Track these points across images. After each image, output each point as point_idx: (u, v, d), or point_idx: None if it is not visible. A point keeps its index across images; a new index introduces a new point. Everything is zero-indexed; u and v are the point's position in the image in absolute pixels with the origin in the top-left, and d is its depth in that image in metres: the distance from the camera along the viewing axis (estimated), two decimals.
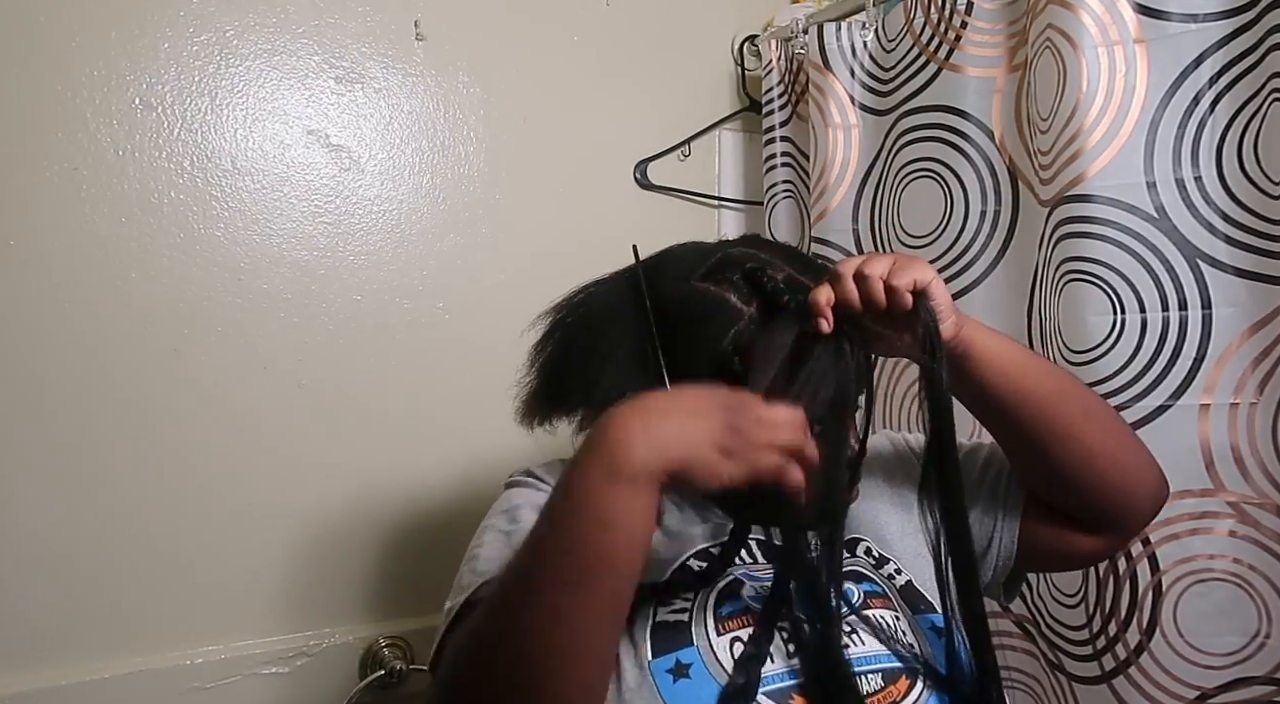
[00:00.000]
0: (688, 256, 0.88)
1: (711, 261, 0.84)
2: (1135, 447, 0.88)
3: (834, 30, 1.45)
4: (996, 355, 0.81)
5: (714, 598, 0.78)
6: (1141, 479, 0.87)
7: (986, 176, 1.29)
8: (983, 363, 0.81)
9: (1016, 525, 0.91)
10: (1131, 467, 0.86)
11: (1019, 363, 0.83)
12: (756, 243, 0.91)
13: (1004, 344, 0.83)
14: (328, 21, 1.34)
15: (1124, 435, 0.88)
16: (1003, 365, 0.82)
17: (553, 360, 0.88)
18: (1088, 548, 0.91)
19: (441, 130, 1.42)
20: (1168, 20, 1.09)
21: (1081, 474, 0.84)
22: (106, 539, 1.19)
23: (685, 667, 0.73)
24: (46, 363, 1.17)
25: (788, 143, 1.58)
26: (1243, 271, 1.06)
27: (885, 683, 0.73)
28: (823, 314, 0.75)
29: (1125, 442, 0.87)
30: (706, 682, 0.71)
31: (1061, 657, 1.20)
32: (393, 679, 1.28)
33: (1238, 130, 1.06)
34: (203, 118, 1.26)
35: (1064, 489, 0.87)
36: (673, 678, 0.72)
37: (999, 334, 0.84)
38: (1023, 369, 0.83)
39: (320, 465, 1.31)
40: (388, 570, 1.35)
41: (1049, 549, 0.91)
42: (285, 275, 1.30)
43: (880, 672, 0.74)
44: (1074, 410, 0.84)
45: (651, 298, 0.84)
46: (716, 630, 0.75)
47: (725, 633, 0.75)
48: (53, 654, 1.16)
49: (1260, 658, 1.05)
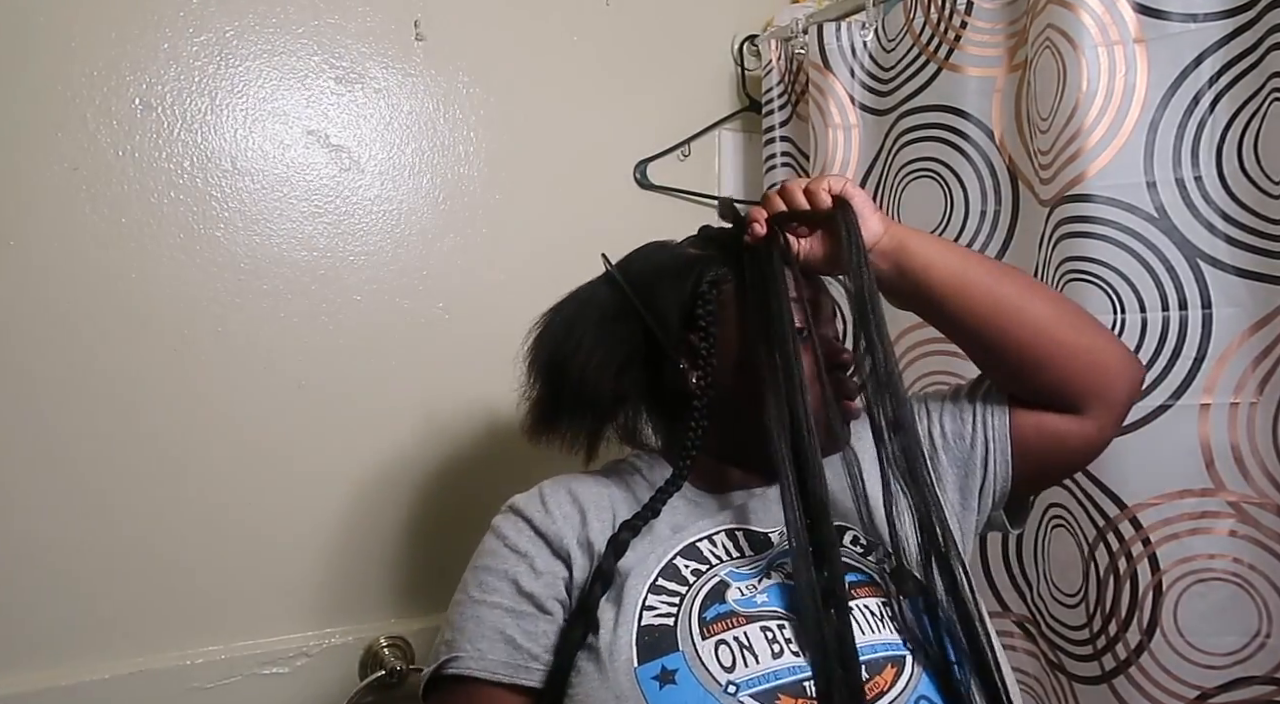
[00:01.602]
0: (652, 246, 0.98)
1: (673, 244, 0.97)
2: (1088, 317, 0.92)
3: (834, 30, 1.46)
4: (932, 248, 0.89)
5: (699, 601, 0.79)
6: (1102, 345, 0.90)
7: (986, 176, 1.29)
8: (919, 255, 0.88)
9: (1006, 429, 0.91)
10: (1088, 332, 0.90)
11: (956, 252, 0.91)
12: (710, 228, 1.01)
13: (938, 240, 0.92)
14: (328, 21, 1.34)
15: (1073, 308, 0.92)
16: (939, 254, 0.89)
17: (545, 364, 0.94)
18: (1078, 432, 0.90)
19: (441, 130, 1.42)
20: (1168, 20, 1.09)
21: (1039, 346, 0.87)
22: (106, 539, 1.19)
23: (671, 673, 0.74)
24: (46, 363, 1.17)
25: (788, 143, 1.58)
26: (1243, 271, 1.06)
27: (869, 674, 0.74)
28: (756, 220, 0.88)
29: (1076, 312, 0.92)
30: (693, 688, 0.72)
31: (1062, 656, 1.20)
32: (393, 679, 1.27)
33: (1238, 130, 1.06)
34: (203, 118, 1.26)
35: (1028, 368, 0.88)
36: (659, 684, 0.73)
37: (932, 235, 0.92)
38: (961, 256, 0.91)
39: (320, 465, 1.31)
40: (388, 570, 1.35)
41: (1041, 445, 0.91)
42: (285, 275, 1.30)
43: (864, 664, 0.74)
44: (1018, 287, 0.90)
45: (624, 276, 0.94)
46: (701, 635, 0.76)
47: (710, 637, 0.76)
48: (53, 654, 1.16)
49: (1260, 658, 1.05)
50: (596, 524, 0.87)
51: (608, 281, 0.95)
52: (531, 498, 0.90)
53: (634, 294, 0.91)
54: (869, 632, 0.77)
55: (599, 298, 0.95)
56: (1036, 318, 0.87)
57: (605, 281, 0.96)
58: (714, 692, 0.72)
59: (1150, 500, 1.09)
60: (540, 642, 0.81)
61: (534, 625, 0.82)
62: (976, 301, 0.87)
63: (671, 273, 0.92)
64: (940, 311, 0.89)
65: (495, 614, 0.83)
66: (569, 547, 0.85)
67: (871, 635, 0.76)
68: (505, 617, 0.82)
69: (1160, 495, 1.08)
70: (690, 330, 0.89)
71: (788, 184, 0.89)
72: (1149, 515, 1.09)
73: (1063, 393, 0.89)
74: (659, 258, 0.95)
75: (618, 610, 0.79)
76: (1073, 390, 0.88)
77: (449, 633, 0.85)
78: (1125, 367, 0.91)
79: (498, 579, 0.85)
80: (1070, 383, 0.88)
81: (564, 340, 0.93)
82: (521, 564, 0.85)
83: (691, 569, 0.82)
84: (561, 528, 0.86)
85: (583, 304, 0.95)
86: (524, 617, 0.82)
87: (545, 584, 0.83)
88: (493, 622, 0.82)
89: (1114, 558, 1.11)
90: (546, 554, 0.85)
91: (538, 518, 0.87)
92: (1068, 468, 1.05)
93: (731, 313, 0.89)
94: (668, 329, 0.89)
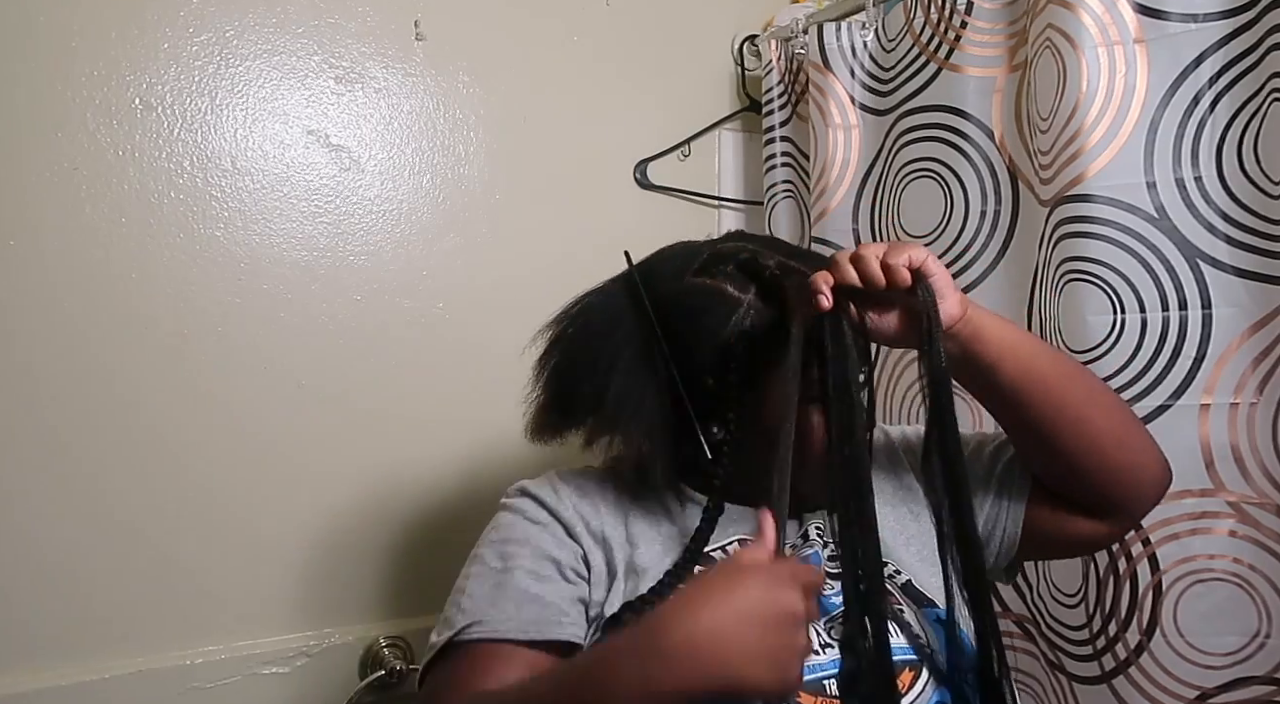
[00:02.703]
0: (679, 256, 0.89)
1: (704, 257, 0.87)
2: (1140, 431, 0.89)
3: (834, 30, 1.45)
4: (1005, 337, 0.82)
5: None
6: (1146, 464, 0.88)
7: (986, 176, 1.29)
8: (992, 344, 0.81)
9: (1021, 512, 0.91)
10: (1137, 451, 0.87)
11: (1028, 346, 0.84)
12: (743, 236, 0.92)
13: (1012, 327, 0.85)
14: (328, 21, 1.34)
15: (1129, 420, 0.89)
16: (1012, 347, 0.82)
17: (558, 373, 0.89)
18: (1090, 533, 0.91)
19: (441, 130, 1.42)
20: (1168, 20, 1.09)
21: (1088, 458, 0.85)
22: (106, 539, 1.19)
23: None
24: (46, 363, 1.17)
25: (788, 143, 1.58)
26: (1243, 271, 1.06)
27: None
28: (821, 292, 0.77)
29: (1131, 427, 0.89)
30: None
31: (1061, 657, 1.20)
32: (393, 679, 1.27)
33: (1238, 130, 1.06)
34: (203, 118, 1.26)
35: (1070, 474, 0.87)
36: None
37: (1006, 319, 0.85)
38: (1032, 352, 0.84)
39: (320, 465, 1.31)
40: (388, 570, 1.35)
41: (1052, 535, 0.91)
42: (285, 275, 1.30)
43: None
44: (1081, 394, 0.85)
45: (649, 299, 0.85)
46: None
47: None
48: (53, 654, 1.16)
49: (1260, 658, 1.05)
50: (610, 520, 0.86)
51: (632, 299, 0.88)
52: (542, 483, 0.90)
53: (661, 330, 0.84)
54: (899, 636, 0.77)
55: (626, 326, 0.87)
56: (1094, 432, 0.84)
57: (628, 294, 0.89)
58: None
59: None
60: (568, 600, 0.80)
61: (559, 589, 0.80)
62: (1039, 403, 0.83)
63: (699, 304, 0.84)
64: (997, 401, 0.86)
65: (519, 577, 0.80)
66: (580, 532, 0.84)
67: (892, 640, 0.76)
68: (528, 579, 0.80)
69: None
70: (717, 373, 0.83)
71: (864, 252, 0.77)
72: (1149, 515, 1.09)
73: (1093, 502, 0.88)
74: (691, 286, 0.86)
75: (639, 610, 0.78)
76: (1105, 502, 0.88)
77: (464, 601, 0.81)
78: (1160, 477, 0.89)
79: (518, 547, 0.83)
80: (1105, 495, 0.87)
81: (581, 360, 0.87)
82: (543, 533, 0.84)
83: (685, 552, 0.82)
84: (572, 515, 0.86)
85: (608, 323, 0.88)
86: (548, 581, 0.81)
87: (569, 553, 0.83)
88: (517, 584, 0.80)
89: (1114, 558, 1.11)
90: (561, 533, 0.85)
91: (550, 500, 0.87)
92: (1067, 555, 1.07)
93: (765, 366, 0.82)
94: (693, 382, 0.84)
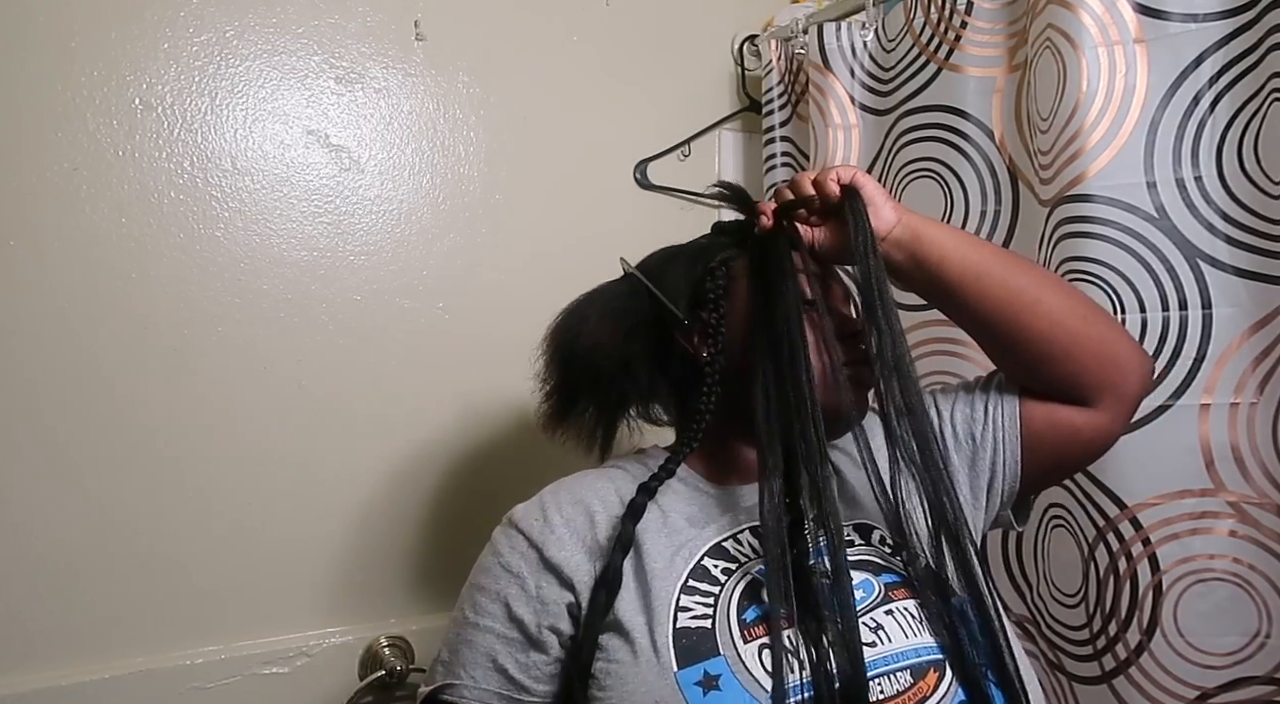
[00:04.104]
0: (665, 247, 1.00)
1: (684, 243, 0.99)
2: (1103, 313, 0.92)
3: (834, 30, 1.45)
4: (945, 237, 0.88)
5: (735, 602, 0.77)
6: (1115, 338, 0.89)
7: (986, 176, 1.29)
8: (933, 244, 0.87)
9: (1018, 435, 0.90)
10: (1101, 325, 0.89)
11: (969, 242, 0.90)
12: None
13: (952, 229, 0.92)
14: (328, 21, 1.34)
15: (1088, 302, 0.91)
16: (955, 244, 0.88)
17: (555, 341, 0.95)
18: (1090, 424, 0.89)
19: (441, 130, 1.42)
20: (1168, 20, 1.09)
21: (1055, 338, 0.86)
22: (106, 539, 1.19)
23: (714, 678, 0.72)
24: (46, 363, 1.17)
25: (788, 143, 1.58)
26: (1243, 271, 1.06)
27: (914, 679, 0.73)
28: (763, 213, 0.89)
29: (1091, 307, 0.91)
30: (738, 693, 0.71)
31: (1061, 657, 1.20)
32: (393, 679, 1.27)
33: (1238, 130, 1.06)
34: (203, 118, 1.26)
35: (1043, 360, 0.87)
36: (702, 691, 0.71)
37: (947, 225, 0.92)
38: (974, 245, 0.90)
39: (320, 465, 1.31)
40: (388, 570, 1.35)
41: (1052, 438, 0.90)
42: (285, 275, 1.30)
43: (909, 668, 0.73)
44: (1032, 278, 0.89)
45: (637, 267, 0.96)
46: (743, 637, 0.74)
47: (752, 640, 0.74)
48: (53, 654, 1.16)
49: (1260, 658, 1.05)
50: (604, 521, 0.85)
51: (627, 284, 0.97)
52: (531, 509, 0.89)
53: (645, 277, 0.93)
54: (911, 636, 0.75)
55: (610, 288, 0.97)
56: (1051, 310, 0.86)
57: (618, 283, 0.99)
58: (760, 698, 0.70)
59: (1150, 500, 1.09)
60: (531, 673, 0.82)
61: (525, 656, 0.82)
62: (992, 292, 0.86)
63: (682, 257, 0.95)
64: (955, 301, 0.89)
65: (487, 639, 0.83)
66: (574, 563, 0.83)
67: (914, 639, 0.75)
68: (496, 643, 0.83)
69: (1160, 495, 1.08)
70: (700, 307, 0.90)
71: (797, 177, 0.89)
72: (1149, 515, 1.09)
73: (1076, 384, 0.88)
74: (671, 249, 0.98)
75: (649, 614, 0.77)
76: (1086, 381, 0.88)
77: (445, 653, 0.86)
78: (1137, 359, 0.90)
79: (490, 600, 0.84)
80: (1084, 374, 0.87)
81: (573, 322, 0.95)
82: (513, 586, 0.84)
83: (721, 568, 0.80)
84: (564, 540, 0.84)
85: (593, 294, 0.98)
86: (514, 644, 0.82)
87: (535, 611, 0.82)
88: (485, 647, 0.83)
89: (1114, 558, 1.11)
90: (544, 576, 0.83)
91: (536, 532, 0.85)
92: (1078, 462, 1.02)
93: (741, 289, 0.90)
94: (678, 303, 0.91)
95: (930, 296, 0.91)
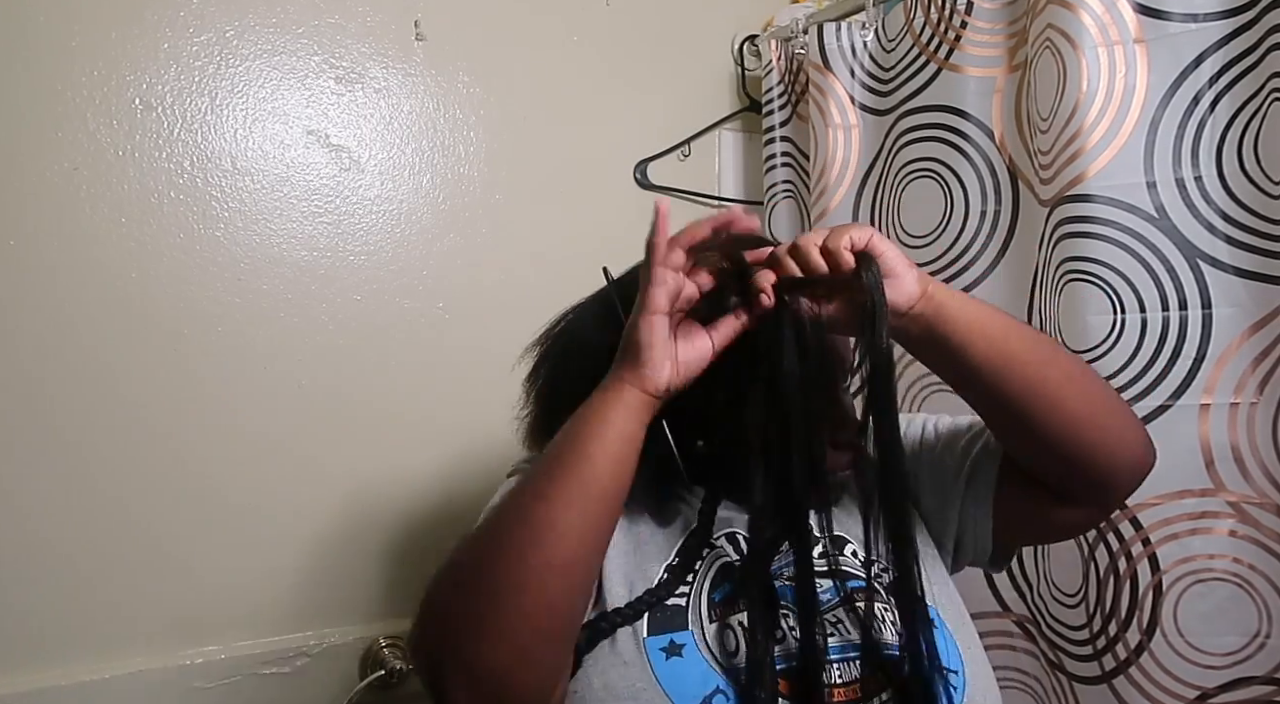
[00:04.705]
0: None
1: None
2: (1119, 412, 0.84)
3: (834, 30, 1.45)
4: (974, 316, 0.77)
5: (707, 584, 0.80)
6: (1127, 445, 0.83)
7: (986, 176, 1.29)
8: (959, 323, 0.76)
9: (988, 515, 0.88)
10: (1116, 432, 0.82)
11: (999, 324, 0.78)
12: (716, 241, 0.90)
13: (980, 304, 0.79)
14: (328, 21, 1.34)
15: (1110, 400, 0.84)
16: (981, 326, 0.77)
17: (546, 390, 0.92)
18: (1069, 520, 0.88)
19: (441, 130, 1.42)
20: (1168, 20, 1.09)
21: (1066, 443, 0.79)
22: (107, 539, 1.19)
23: (679, 646, 0.75)
24: (46, 363, 1.17)
25: (788, 143, 1.58)
26: (1243, 271, 1.06)
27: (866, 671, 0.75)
28: (763, 290, 0.75)
29: (1112, 407, 0.83)
30: (697, 662, 0.74)
31: (1062, 656, 1.20)
32: (393, 679, 1.27)
33: (1238, 130, 1.06)
34: (203, 118, 1.26)
35: (1047, 459, 0.82)
36: (665, 655, 0.74)
37: (974, 298, 0.80)
38: (1004, 331, 0.78)
39: (320, 465, 1.31)
40: (388, 570, 1.35)
41: (1029, 524, 0.89)
42: (285, 275, 1.30)
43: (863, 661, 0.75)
44: (1058, 375, 0.79)
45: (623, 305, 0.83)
46: (709, 616, 0.77)
47: (716, 620, 0.77)
48: (53, 654, 1.16)
49: (1260, 658, 1.05)
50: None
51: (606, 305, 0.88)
52: None
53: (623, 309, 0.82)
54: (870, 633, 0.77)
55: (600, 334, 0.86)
56: (1071, 413, 0.78)
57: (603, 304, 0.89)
58: (716, 670, 0.73)
59: (1150, 500, 1.09)
60: None
61: None
62: (1013, 385, 0.77)
63: None
64: (970, 386, 0.80)
65: None
66: None
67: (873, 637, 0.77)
68: None
69: (1160, 495, 1.08)
70: None
71: (802, 241, 0.75)
72: (1149, 515, 1.09)
73: (1072, 486, 0.84)
74: None
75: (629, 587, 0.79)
76: (1082, 485, 0.83)
77: None
78: (1141, 460, 0.84)
79: None
80: (1082, 478, 0.82)
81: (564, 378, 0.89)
82: None
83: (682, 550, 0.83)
84: None
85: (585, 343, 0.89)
86: None
87: None
88: None
89: (1114, 558, 1.11)
90: None
91: None
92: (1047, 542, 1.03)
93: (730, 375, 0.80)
94: None
95: (939, 370, 0.83)
